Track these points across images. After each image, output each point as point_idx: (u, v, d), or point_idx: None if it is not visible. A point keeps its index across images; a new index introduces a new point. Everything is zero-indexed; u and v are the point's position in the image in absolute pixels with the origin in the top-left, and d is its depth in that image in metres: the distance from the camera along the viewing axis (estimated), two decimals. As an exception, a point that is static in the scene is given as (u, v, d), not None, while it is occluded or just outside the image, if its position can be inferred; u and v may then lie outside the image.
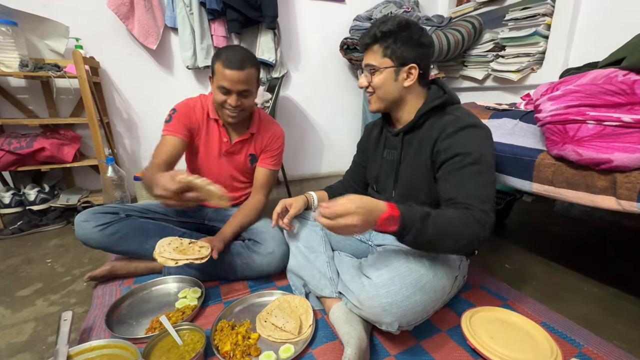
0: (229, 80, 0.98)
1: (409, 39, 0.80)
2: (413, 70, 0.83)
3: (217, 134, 1.15)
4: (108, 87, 1.86)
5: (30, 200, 1.62)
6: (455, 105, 0.87)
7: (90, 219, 1.03)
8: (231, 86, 0.99)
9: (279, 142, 1.22)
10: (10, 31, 1.43)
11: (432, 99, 0.85)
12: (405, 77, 0.83)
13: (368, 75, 0.86)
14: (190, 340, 0.79)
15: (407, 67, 0.82)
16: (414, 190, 0.88)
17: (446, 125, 0.80)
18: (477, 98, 2.10)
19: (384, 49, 0.82)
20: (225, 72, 0.97)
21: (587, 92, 0.80)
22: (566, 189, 0.87)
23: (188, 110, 1.11)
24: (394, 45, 0.81)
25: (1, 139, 1.51)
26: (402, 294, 0.70)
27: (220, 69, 0.98)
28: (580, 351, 0.78)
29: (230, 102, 1.01)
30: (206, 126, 1.14)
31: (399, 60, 0.82)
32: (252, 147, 1.19)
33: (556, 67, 1.61)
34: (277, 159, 1.22)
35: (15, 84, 1.70)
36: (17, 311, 0.98)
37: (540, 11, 1.62)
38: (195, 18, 1.83)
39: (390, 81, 0.84)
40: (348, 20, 2.23)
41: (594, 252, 1.32)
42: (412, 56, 0.81)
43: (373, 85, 0.86)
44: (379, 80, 0.84)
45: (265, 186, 1.21)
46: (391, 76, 0.83)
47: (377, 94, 0.87)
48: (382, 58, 0.82)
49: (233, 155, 1.18)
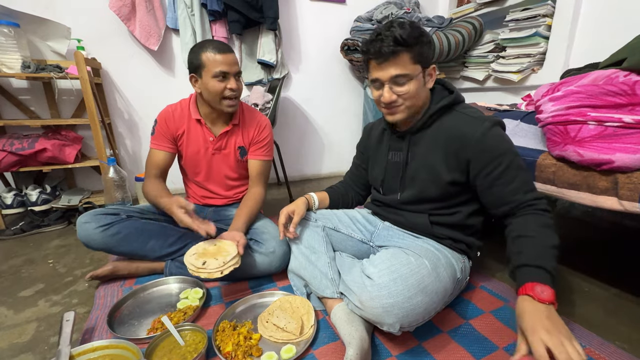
0: (226, 64, 1.00)
1: (428, 40, 0.79)
2: (433, 71, 0.83)
3: (202, 134, 1.15)
4: (109, 88, 1.87)
5: (32, 201, 1.63)
6: (462, 104, 0.87)
7: (91, 220, 1.03)
8: (229, 68, 1.01)
9: (266, 131, 1.21)
10: (13, 32, 1.44)
11: (439, 98, 0.86)
12: (430, 77, 0.83)
13: (395, 86, 0.80)
14: (192, 340, 0.79)
15: (430, 68, 0.82)
16: (423, 191, 0.88)
17: (463, 126, 0.81)
18: (478, 99, 2.10)
19: (414, 54, 0.77)
20: (220, 57, 1.00)
21: (588, 92, 0.80)
22: (568, 189, 0.87)
23: (168, 119, 1.13)
24: (422, 48, 0.78)
25: (3, 140, 1.52)
26: (404, 295, 0.70)
27: (211, 57, 1.00)
28: (582, 352, 0.78)
29: (231, 85, 1.03)
30: (188, 129, 1.14)
31: (426, 62, 0.80)
32: (240, 139, 1.18)
33: (557, 68, 1.61)
34: (267, 149, 1.22)
35: (17, 85, 1.70)
36: (19, 312, 0.98)
37: (540, 12, 1.62)
38: (196, 19, 1.83)
39: (421, 86, 0.81)
40: (349, 21, 2.24)
41: (595, 253, 1.31)
42: (430, 56, 0.81)
43: (407, 96, 0.80)
44: (413, 88, 0.79)
45: (261, 177, 1.21)
46: (421, 80, 0.81)
47: (407, 104, 0.82)
48: (414, 65, 0.78)
49: (221, 151, 1.17)
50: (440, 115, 0.85)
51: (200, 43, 1.05)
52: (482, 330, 0.86)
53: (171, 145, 1.15)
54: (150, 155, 1.15)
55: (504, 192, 0.79)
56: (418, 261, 0.77)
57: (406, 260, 0.76)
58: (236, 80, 1.05)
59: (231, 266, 0.88)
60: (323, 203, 1.07)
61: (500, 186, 0.79)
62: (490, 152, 0.78)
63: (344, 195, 1.12)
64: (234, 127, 1.16)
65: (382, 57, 0.77)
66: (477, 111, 0.83)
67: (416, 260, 0.77)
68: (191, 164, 1.19)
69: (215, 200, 1.25)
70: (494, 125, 0.79)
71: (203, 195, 1.25)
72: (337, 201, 1.10)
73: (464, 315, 0.91)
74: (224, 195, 1.24)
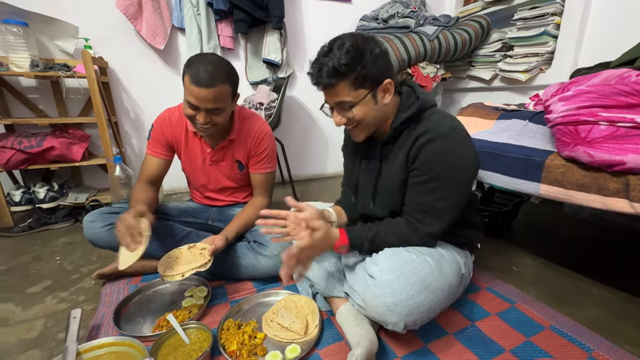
0: (196, 98, 0.90)
1: (373, 58, 0.71)
2: (389, 85, 0.76)
3: (199, 146, 1.12)
4: (116, 86, 1.88)
5: (40, 198, 1.64)
6: (430, 109, 0.80)
7: (97, 219, 1.04)
8: (199, 104, 0.91)
9: (264, 143, 1.13)
10: (22, 32, 1.45)
11: (404, 108, 0.80)
12: (383, 94, 0.76)
13: (342, 111, 0.77)
14: (197, 339, 0.79)
15: (382, 85, 0.75)
16: (393, 201, 0.84)
17: (419, 135, 0.76)
18: (484, 99, 2.08)
19: (354, 80, 0.71)
20: (193, 89, 0.89)
21: (599, 92, 0.79)
22: (577, 191, 0.86)
23: (164, 126, 1.09)
24: (363, 70, 0.70)
25: (12, 138, 1.53)
26: (407, 293, 0.69)
27: (187, 83, 0.90)
28: (590, 355, 0.77)
29: (199, 119, 0.93)
30: (186, 138, 1.11)
31: (373, 83, 0.73)
32: (236, 153, 1.13)
33: (565, 67, 1.59)
34: (267, 161, 1.16)
35: (26, 83, 1.72)
36: (27, 308, 0.99)
37: (549, 10, 1.60)
38: (202, 18, 1.84)
39: (371, 107, 0.76)
40: (354, 20, 2.23)
41: (603, 255, 1.30)
42: (382, 72, 0.74)
43: (356, 119, 0.76)
44: (361, 112, 0.75)
45: (264, 189, 1.18)
46: (371, 101, 0.75)
47: (362, 125, 0.79)
48: (356, 90, 0.73)
49: (218, 163, 1.14)
50: (407, 125, 0.79)
51: (193, 58, 0.94)
52: (488, 332, 0.85)
53: (166, 151, 1.11)
54: (145, 161, 1.12)
55: (409, 198, 0.80)
56: (420, 258, 0.76)
57: (408, 258, 0.75)
58: (207, 115, 0.93)
59: (193, 270, 0.89)
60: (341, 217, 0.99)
61: (410, 193, 0.80)
62: (421, 160, 0.75)
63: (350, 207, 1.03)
64: (230, 143, 1.12)
65: (320, 86, 0.75)
66: (442, 118, 0.78)
67: (418, 257, 0.76)
68: (189, 171, 1.19)
69: (217, 202, 1.25)
70: (443, 137, 0.74)
71: (205, 197, 1.25)
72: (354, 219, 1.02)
73: (470, 317, 0.91)
74: (225, 200, 1.24)
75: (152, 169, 1.11)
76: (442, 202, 0.76)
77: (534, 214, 1.71)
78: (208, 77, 0.88)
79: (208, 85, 0.89)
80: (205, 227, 1.23)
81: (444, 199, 0.76)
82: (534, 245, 1.36)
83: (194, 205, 1.26)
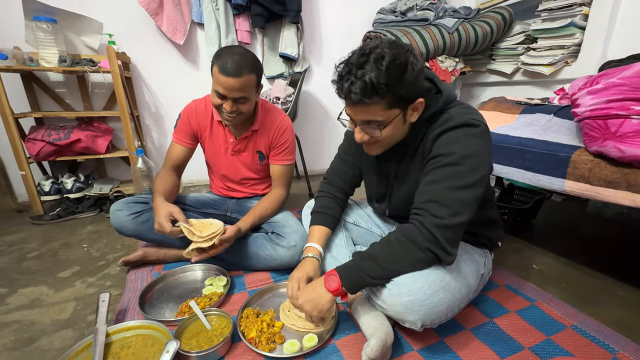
0: (223, 87, 0.95)
1: (414, 76, 0.65)
2: (419, 105, 0.70)
3: (223, 135, 1.16)
4: (138, 81, 1.94)
5: (67, 188, 1.72)
6: (452, 103, 0.76)
7: (123, 208, 1.09)
8: (226, 93, 0.95)
9: (285, 135, 1.17)
10: (51, 28, 1.51)
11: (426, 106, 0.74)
12: (412, 112, 0.71)
13: (367, 129, 0.71)
14: (218, 325, 0.82)
15: (414, 104, 0.70)
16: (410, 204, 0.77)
17: (438, 126, 0.72)
18: (505, 93, 2.01)
19: (389, 100, 0.66)
20: (221, 78, 0.93)
21: (632, 85, 0.76)
22: (604, 188, 0.83)
23: (190, 115, 1.14)
24: (402, 91, 0.65)
25: (42, 131, 1.61)
26: (424, 292, 0.69)
27: (216, 73, 0.95)
28: (614, 356, 0.75)
29: (226, 107, 0.98)
30: (210, 127, 1.16)
31: (406, 102, 0.68)
32: (258, 144, 1.17)
33: (593, 60, 1.52)
34: (287, 153, 1.19)
35: (54, 78, 1.80)
36: (59, 291, 1.05)
37: (577, 0, 1.53)
38: (220, 13, 1.86)
39: (399, 126, 0.72)
40: (371, 13, 2.20)
41: (631, 256, 1.25)
42: (416, 91, 0.68)
43: (381, 138, 0.72)
44: (388, 132, 0.71)
45: (283, 181, 1.21)
46: (400, 121, 0.71)
47: (383, 143, 0.75)
48: (389, 110, 0.67)
49: (240, 153, 1.18)
50: (431, 122, 0.74)
51: (222, 50, 0.98)
52: (507, 329, 0.84)
53: (191, 141, 1.17)
54: (170, 148, 1.18)
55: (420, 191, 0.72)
56: None
57: None
58: (234, 104, 0.98)
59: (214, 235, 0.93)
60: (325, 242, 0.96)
61: (422, 184, 0.72)
62: (439, 148, 0.70)
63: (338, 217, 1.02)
64: (253, 133, 1.15)
65: (350, 101, 0.67)
66: (462, 109, 0.73)
67: None
68: (212, 160, 1.23)
69: (236, 193, 1.28)
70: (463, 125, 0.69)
71: (225, 187, 1.28)
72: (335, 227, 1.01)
73: (488, 314, 0.90)
74: (245, 192, 1.27)
75: (176, 156, 1.16)
76: (454, 192, 0.67)
77: (556, 213, 1.66)
78: (235, 67, 0.93)
79: (235, 74, 0.93)
80: (224, 219, 1.26)
81: (457, 189, 0.67)
82: (556, 243, 1.32)
83: (213, 197, 1.30)
